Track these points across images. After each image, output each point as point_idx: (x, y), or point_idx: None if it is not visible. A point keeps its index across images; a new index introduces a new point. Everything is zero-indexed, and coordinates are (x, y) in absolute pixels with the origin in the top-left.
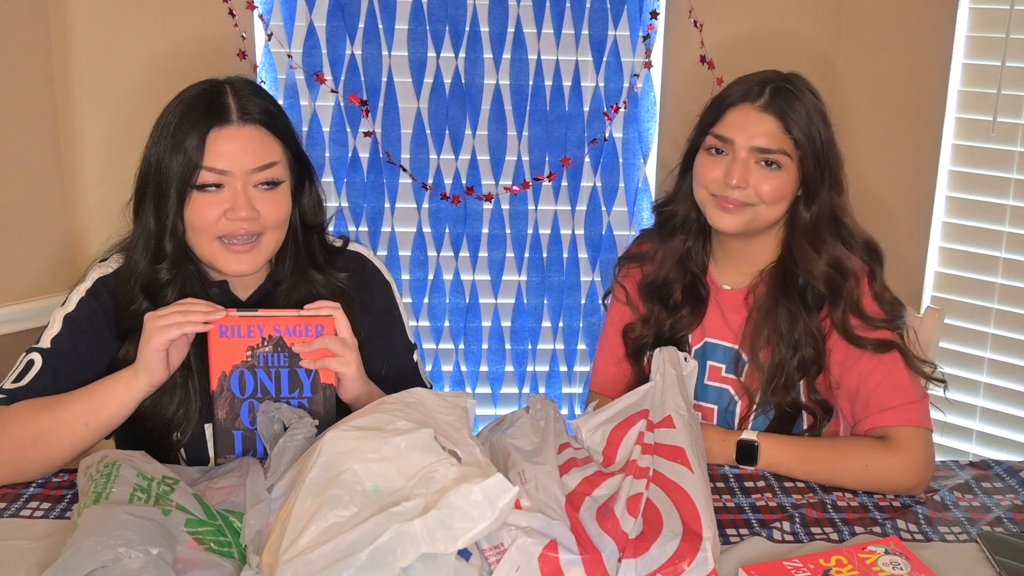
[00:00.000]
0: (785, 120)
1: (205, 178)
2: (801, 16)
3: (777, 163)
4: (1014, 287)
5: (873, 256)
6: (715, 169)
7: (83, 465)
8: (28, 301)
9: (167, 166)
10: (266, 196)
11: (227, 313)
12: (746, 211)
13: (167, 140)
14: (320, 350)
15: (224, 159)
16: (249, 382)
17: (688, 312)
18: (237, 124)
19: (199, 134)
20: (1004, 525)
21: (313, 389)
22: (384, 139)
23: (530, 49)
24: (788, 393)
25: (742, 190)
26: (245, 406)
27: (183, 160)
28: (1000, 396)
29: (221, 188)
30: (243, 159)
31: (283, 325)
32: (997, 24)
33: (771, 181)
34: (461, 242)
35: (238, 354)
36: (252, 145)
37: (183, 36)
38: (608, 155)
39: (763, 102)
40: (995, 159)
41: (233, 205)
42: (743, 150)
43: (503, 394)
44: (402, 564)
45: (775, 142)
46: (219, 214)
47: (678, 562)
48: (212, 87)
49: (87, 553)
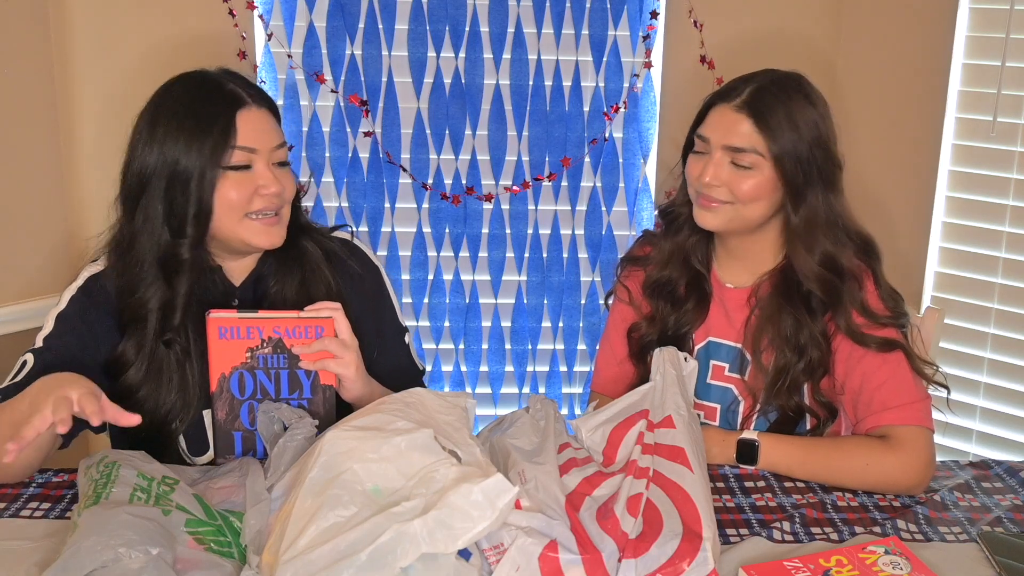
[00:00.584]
0: (759, 120)
1: (238, 158)
2: (801, 16)
3: (750, 162)
4: (1014, 287)
5: (870, 254)
6: (695, 167)
7: (83, 465)
8: (28, 301)
9: (184, 153)
10: (283, 173)
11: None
12: (725, 210)
13: (178, 130)
14: (319, 352)
15: (253, 138)
16: (248, 383)
17: (693, 307)
18: (255, 106)
19: (226, 117)
20: (1004, 525)
21: (313, 390)
22: (384, 139)
23: (530, 49)
24: (792, 397)
25: (718, 188)
26: (244, 407)
27: (211, 142)
28: (1000, 396)
29: (251, 168)
30: (268, 139)
31: (282, 327)
32: (997, 24)
33: (745, 181)
34: (461, 242)
35: (237, 356)
36: (270, 124)
37: (183, 36)
38: (608, 155)
39: (739, 102)
40: (995, 159)
41: (265, 182)
42: (717, 149)
43: (503, 394)
44: (402, 564)
45: (746, 141)
46: (251, 192)
47: (678, 562)
48: (209, 77)
49: (87, 553)
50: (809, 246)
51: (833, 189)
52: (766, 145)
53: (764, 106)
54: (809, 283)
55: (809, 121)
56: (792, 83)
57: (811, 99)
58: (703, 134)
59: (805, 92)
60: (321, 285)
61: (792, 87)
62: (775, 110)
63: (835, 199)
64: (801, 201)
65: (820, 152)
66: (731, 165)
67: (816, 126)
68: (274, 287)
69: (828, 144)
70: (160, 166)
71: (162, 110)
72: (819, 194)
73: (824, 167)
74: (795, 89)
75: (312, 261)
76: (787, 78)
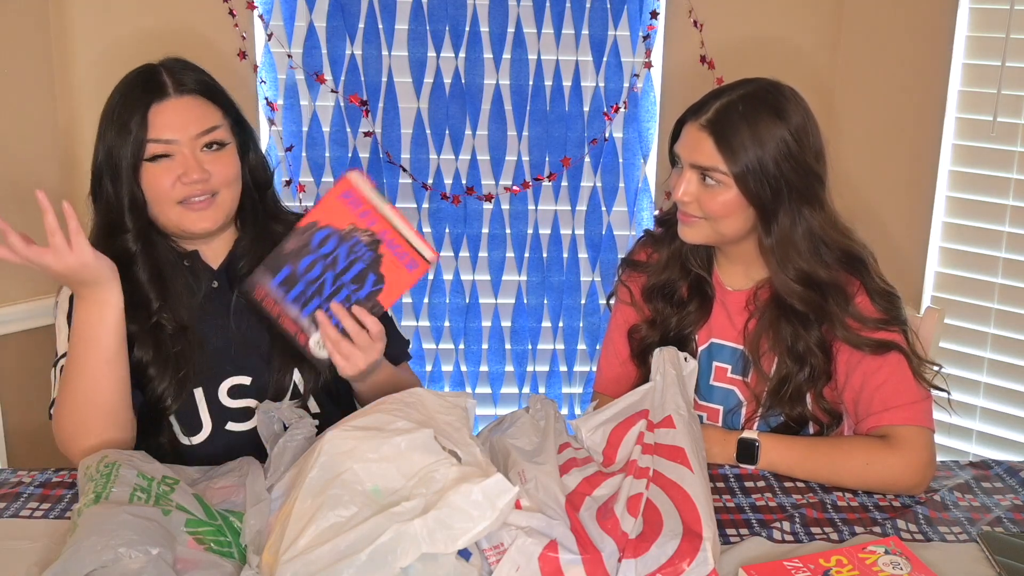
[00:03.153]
0: (720, 140)
1: (153, 150)
2: (801, 17)
3: (715, 180)
4: (1014, 287)
5: (855, 266)
6: (673, 182)
7: (83, 465)
8: (28, 301)
9: (116, 147)
10: (214, 157)
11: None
12: (701, 225)
13: (112, 125)
14: (372, 320)
15: (168, 129)
16: (330, 245)
17: (695, 308)
18: (175, 96)
19: (140, 112)
20: (1004, 525)
21: (368, 298)
22: (384, 139)
23: (530, 49)
24: (795, 407)
25: (690, 204)
26: (300, 286)
27: (131, 138)
28: (1000, 396)
29: (171, 157)
30: (186, 127)
31: (391, 235)
32: (997, 24)
33: (714, 198)
34: (461, 242)
35: (341, 220)
36: (193, 113)
37: (183, 36)
38: (608, 155)
39: (703, 120)
40: (995, 159)
41: (185, 170)
42: (686, 167)
43: (503, 394)
44: (402, 564)
45: (709, 160)
46: (173, 180)
47: (678, 562)
48: (146, 69)
49: (87, 553)
50: (783, 264)
51: (810, 203)
52: (727, 165)
53: (727, 124)
54: (791, 299)
55: (776, 137)
56: (764, 97)
57: (782, 114)
58: (675, 151)
59: (776, 106)
60: None
61: (762, 102)
62: (739, 129)
63: (812, 213)
64: (772, 219)
65: (790, 167)
66: (699, 183)
67: (784, 142)
68: (243, 269)
69: (800, 158)
70: (103, 161)
71: (106, 107)
72: (793, 211)
73: (797, 182)
74: (764, 104)
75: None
76: (759, 91)
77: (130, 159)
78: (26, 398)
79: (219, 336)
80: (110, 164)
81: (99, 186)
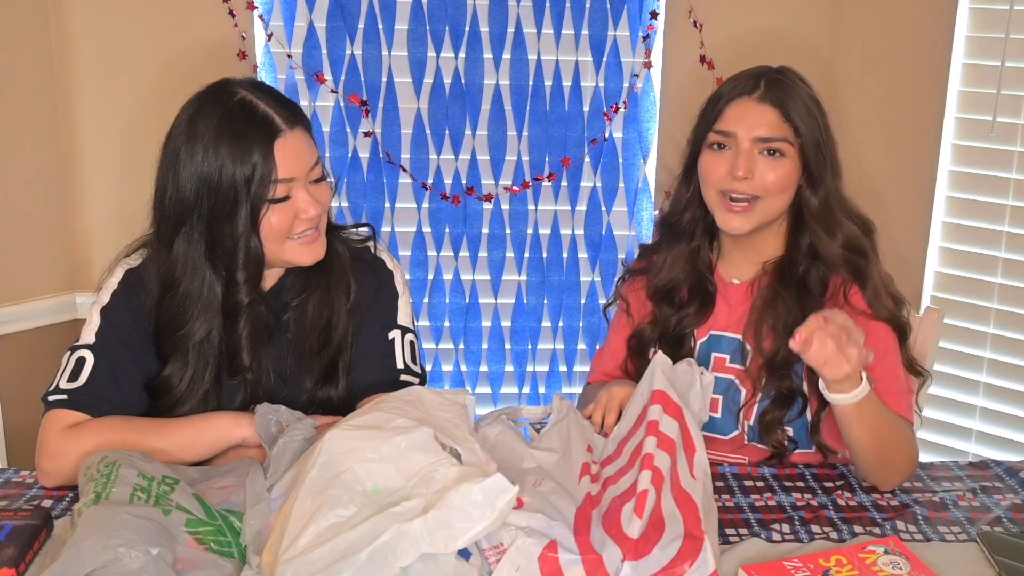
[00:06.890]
0: (784, 109)
1: (279, 192)
2: (801, 16)
3: (780, 151)
4: (1014, 287)
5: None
6: (720, 165)
7: (83, 465)
8: (29, 301)
9: (227, 189)
10: (319, 189)
11: None
12: (754, 211)
13: (213, 166)
14: None
15: (291, 167)
16: None
17: (695, 310)
18: (288, 130)
19: (261, 150)
20: (1004, 525)
21: None
22: (384, 139)
23: (530, 49)
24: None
25: (749, 181)
26: None
27: (256, 180)
28: (1000, 396)
29: (290, 198)
30: (303, 162)
31: None
32: (997, 24)
33: (776, 170)
34: (461, 242)
35: None
36: (305, 144)
37: (183, 36)
38: (608, 155)
39: (760, 93)
40: (995, 159)
41: (305, 206)
42: (746, 141)
43: (503, 394)
44: (402, 564)
45: (777, 130)
46: (292, 217)
47: (679, 563)
48: (238, 101)
49: (87, 553)
50: (830, 229)
51: (834, 168)
52: (793, 132)
53: (784, 95)
54: (834, 267)
55: (817, 106)
56: (791, 73)
57: (809, 86)
58: (726, 129)
59: (802, 80)
60: (343, 297)
61: (794, 74)
62: (794, 98)
63: (834, 178)
64: (820, 184)
65: (829, 136)
66: (761, 156)
67: (820, 108)
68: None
69: (828, 123)
70: (200, 200)
71: (197, 141)
72: (830, 174)
73: (832, 146)
74: (797, 76)
75: (339, 266)
76: (785, 69)
77: (253, 200)
78: (26, 398)
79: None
80: (211, 207)
81: (181, 225)
